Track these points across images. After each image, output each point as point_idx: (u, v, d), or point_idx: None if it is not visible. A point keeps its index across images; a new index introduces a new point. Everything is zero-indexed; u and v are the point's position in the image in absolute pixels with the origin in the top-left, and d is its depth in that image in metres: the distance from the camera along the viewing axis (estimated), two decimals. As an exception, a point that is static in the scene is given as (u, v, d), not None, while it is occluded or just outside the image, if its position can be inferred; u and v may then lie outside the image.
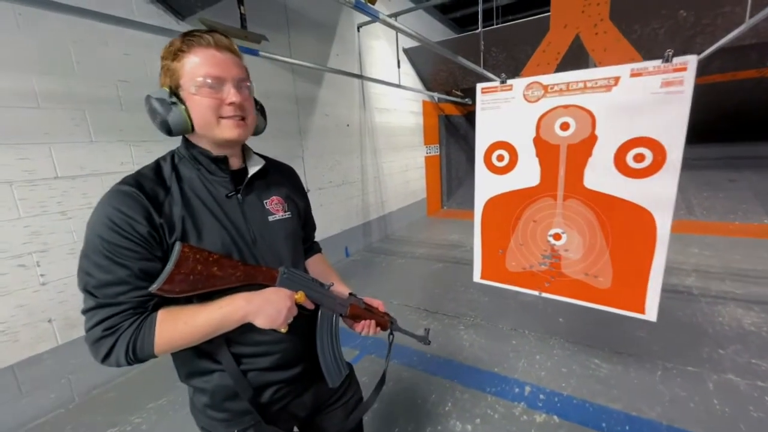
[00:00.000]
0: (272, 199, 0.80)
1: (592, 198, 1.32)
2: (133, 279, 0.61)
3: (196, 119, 0.67)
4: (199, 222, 0.68)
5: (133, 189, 0.63)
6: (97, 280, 0.60)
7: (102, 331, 0.60)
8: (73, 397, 1.95)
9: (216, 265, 0.64)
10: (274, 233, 0.78)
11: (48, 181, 1.83)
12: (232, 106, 0.67)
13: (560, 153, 1.33)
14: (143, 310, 0.63)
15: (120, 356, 0.61)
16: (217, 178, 0.73)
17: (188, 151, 0.73)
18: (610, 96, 1.21)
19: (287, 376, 0.79)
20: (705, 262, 3.37)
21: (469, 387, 1.92)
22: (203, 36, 0.65)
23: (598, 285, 1.39)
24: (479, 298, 2.95)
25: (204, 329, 0.65)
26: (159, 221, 0.63)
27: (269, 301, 0.68)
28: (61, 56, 1.85)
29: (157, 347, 0.62)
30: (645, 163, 1.19)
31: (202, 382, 0.74)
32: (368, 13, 1.86)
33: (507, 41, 4.35)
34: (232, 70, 0.67)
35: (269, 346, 0.75)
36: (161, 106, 0.66)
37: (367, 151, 4.50)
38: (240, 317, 0.66)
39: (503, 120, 1.46)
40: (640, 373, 1.95)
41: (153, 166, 0.71)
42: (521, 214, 1.48)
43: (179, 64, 0.66)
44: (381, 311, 0.94)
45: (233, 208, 0.73)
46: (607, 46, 1.28)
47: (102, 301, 0.60)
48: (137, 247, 0.61)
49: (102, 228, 0.60)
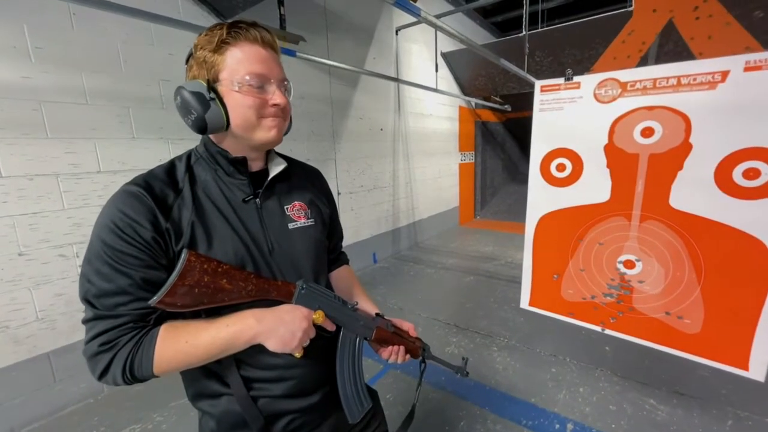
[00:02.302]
0: (294, 205, 0.73)
1: (679, 220, 1.10)
2: (134, 289, 0.55)
3: (234, 118, 0.61)
4: (211, 228, 0.61)
5: (140, 190, 0.58)
6: (97, 288, 0.55)
7: (98, 345, 0.55)
8: (102, 388, 1.98)
9: (225, 277, 0.57)
10: (295, 242, 0.70)
11: (91, 174, 1.88)
12: (276, 108, 0.63)
13: (639, 164, 1.12)
14: (144, 325, 0.58)
15: (117, 375, 0.55)
16: (234, 181, 0.67)
17: (207, 151, 0.67)
18: (714, 95, 1.00)
19: (303, 405, 0.70)
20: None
21: (503, 416, 1.75)
22: (249, 29, 0.60)
23: (684, 328, 1.17)
24: (515, 317, 2.75)
25: (208, 350, 0.57)
26: (165, 226, 0.58)
27: (283, 321, 0.60)
28: (110, 55, 1.91)
29: (157, 367, 0.56)
30: (760, 180, 0.96)
31: (209, 406, 0.67)
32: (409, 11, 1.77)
33: (554, 44, 4.12)
34: (276, 69, 0.63)
35: (283, 371, 0.67)
36: (197, 102, 0.59)
37: (399, 156, 4.41)
38: (249, 338, 0.59)
39: (566, 123, 1.27)
40: (705, 420, 1.69)
41: (166, 166, 0.65)
42: (584, 234, 1.28)
43: (221, 57, 0.60)
44: (412, 336, 0.84)
45: (250, 213, 0.66)
46: (711, 32, 1.04)
47: (101, 312, 0.55)
48: (140, 253, 0.56)
49: (105, 231, 0.56)
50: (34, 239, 1.73)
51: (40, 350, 1.78)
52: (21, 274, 1.70)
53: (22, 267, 1.71)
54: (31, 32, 1.65)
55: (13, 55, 1.61)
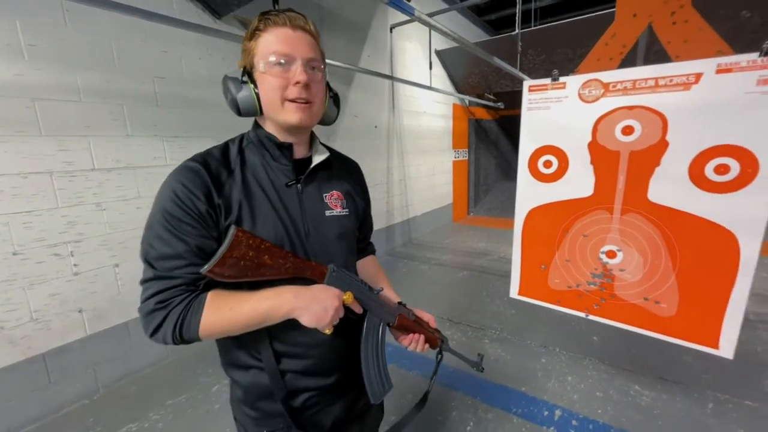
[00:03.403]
0: (332, 194, 0.77)
1: (657, 213, 1.17)
2: (189, 255, 0.61)
3: (263, 99, 0.67)
4: (256, 209, 0.67)
5: (199, 166, 0.64)
6: (157, 251, 0.61)
7: (155, 303, 0.60)
8: (97, 388, 1.99)
9: (267, 254, 0.62)
10: (329, 229, 0.75)
11: (85, 172, 1.88)
12: (298, 87, 0.64)
13: (620, 161, 1.18)
14: (195, 289, 0.63)
15: (167, 332, 0.61)
16: (279, 165, 0.71)
17: (256, 135, 0.72)
18: (688, 96, 1.06)
19: (320, 384, 0.75)
20: (764, 285, 3.06)
21: (494, 406, 1.81)
22: (279, 14, 0.65)
23: (660, 312, 1.24)
24: (506, 310, 2.81)
25: (248, 318, 0.62)
26: (217, 201, 0.63)
27: (317, 299, 0.64)
28: (104, 52, 1.90)
29: (202, 329, 0.61)
30: (729, 175, 1.03)
31: (239, 376, 0.73)
32: (404, 10, 1.80)
33: (546, 43, 4.18)
34: (302, 48, 0.65)
35: (306, 349, 0.72)
36: (233, 85, 0.67)
37: (394, 154, 4.44)
38: (286, 311, 0.63)
39: (553, 122, 1.33)
40: (687, 404, 1.77)
41: (222, 147, 0.71)
42: (569, 226, 1.34)
43: (255, 44, 0.65)
44: (432, 327, 0.87)
45: (291, 197, 0.71)
46: (687, 37, 1.11)
47: (159, 273, 0.61)
48: (196, 223, 0.61)
49: (166, 201, 0.61)
50: (28, 238, 1.72)
51: (35, 351, 1.77)
52: (15, 274, 1.69)
53: (17, 266, 1.70)
54: (24, 29, 1.64)
55: (6, 52, 1.60)
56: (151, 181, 2.14)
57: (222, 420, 1.77)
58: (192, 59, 2.27)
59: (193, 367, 2.19)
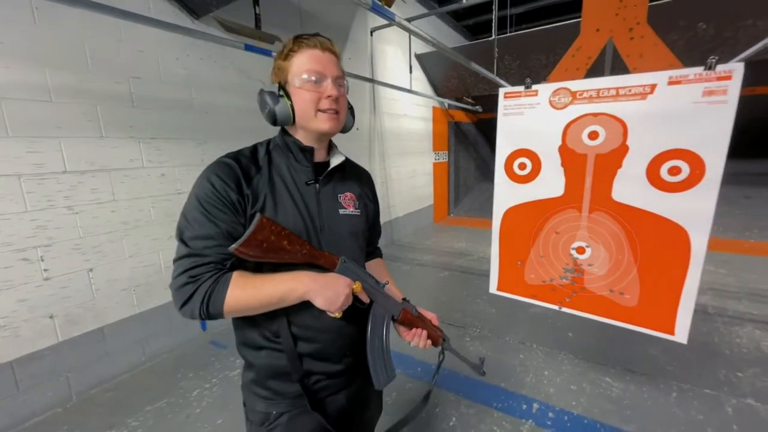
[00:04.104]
0: (346, 195, 0.85)
1: (620, 211, 1.26)
2: (219, 237, 0.69)
3: (297, 111, 0.75)
4: (278, 201, 0.75)
5: (232, 161, 0.73)
6: (192, 232, 0.69)
7: (187, 278, 0.67)
8: (71, 395, 1.92)
9: (286, 239, 0.69)
10: (342, 226, 0.82)
11: (56, 175, 1.82)
12: (329, 100, 0.74)
13: (587, 163, 1.27)
14: (222, 267, 0.70)
15: (195, 306, 0.67)
16: (301, 166, 0.79)
17: (283, 140, 0.81)
18: (645, 105, 1.15)
19: (328, 370, 0.80)
20: (721, 281, 3.27)
21: (476, 402, 1.86)
22: (310, 38, 0.74)
23: (624, 302, 1.33)
24: (486, 309, 2.89)
25: (269, 297, 0.69)
26: (246, 192, 0.72)
27: (330, 285, 0.71)
28: (76, 51, 1.85)
29: (227, 305, 0.68)
30: (681, 176, 1.13)
31: (251, 356, 0.79)
32: (384, 15, 1.83)
33: (521, 49, 4.32)
34: (331, 68, 0.75)
35: (315, 333, 0.77)
36: (271, 99, 0.75)
37: (375, 156, 4.48)
38: (302, 293, 0.70)
39: (526, 127, 1.41)
40: (654, 394, 1.87)
41: (251, 148, 0.80)
42: (543, 225, 1.42)
43: (288, 63, 0.75)
44: (434, 325, 0.91)
45: (310, 194, 0.79)
46: (643, 51, 1.21)
47: (192, 251, 0.68)
48: (227, 210, 0.70)
49: (203, 190, 0.70)
50: (-6, 242, 1.65)
51: (2, 359, 1.70)
52: (-20, 279, 1.63)
53: (-18, 271, 1.63)
54: (-10, 26, 1.58)
55: (-30, 49, 1.54)
56: (127, 184, 2.08)
57: (204, 423, 1.74)
58: (169, 59, 2.23)
59: (173, 372, 2.14)
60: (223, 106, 2.56)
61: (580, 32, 1.30)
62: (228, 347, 2.38)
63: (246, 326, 0.78)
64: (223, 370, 2.15)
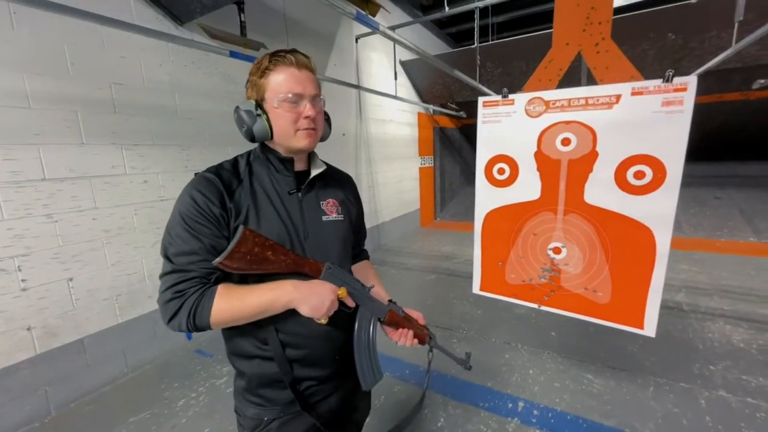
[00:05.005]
0: (328, 201, 0.87)
1: (592, 213, 1.33)
2: (203, 252, 0.70)
3: (275, 129, 0.76)
4: (261, 212, 0.76)
5: (214, 176, 0.74)
6: (176, 248, 0.70)
7: (173, 293, 0.68)
8: (49, 410, 1.86)
9: (270, 250, 0.71)
10: (326, 232, 0.83)
11: (35, 183, 1.78)
12: (308, 120, 0.76)
13: (561, 168, 1.35)
14: (207, 282, 0.71)
15: (182, 320, 0.68)
16: (283, 177, 0.81)
17: (263, 153, 0.82)
18: (611, 113, 1.23)
19: (317, 375, 0.82)
20: (694, 279, 3.42)
21: (462, 402, 1.89)
22: (286, 56, 0.74)
23: (598, 300, 1.40)
24: (472, 310, 2.94)
25: (254, 307, 0.70)
26: (229, 205, 0.73)
27: (314, 292, 0.72)
28: (56, 57, 1.82)
29: (213, 317, 0.69)
30: (645, 180, 1.21)
31: (243, 365, 0.80)
32: (369, 25, 1.88)
33: (502, 57, 4.45)
34: (309, 86, 0.76)
35: (303, 339, 0.78)
36: (248, 117, 0.76)
37: (362, 161, 4.51)
38: (287, 301, 0.71)
39: (504, 134, 1.47)
40: (632, 388, 1.94)
41: (232, 161, 0.81)
42: (521, 227, 1.49)
43: (265, 81, 0.75)
44: (420, 324, 0.93)
45: (293, 204, 0.80)
46: (608, 64, 1.31)
47: (176, 267, 0.69)
48: (210, 225, 0.71)
49: (185, 206, 0.71)
50: (-32, 252, 1.60)
51: (-24, 373, 1.65)
52: (-47, 291, 1.58)
53: (-45, 283, 1.58)
54: (-35, 31, 1.55)
55: (-56, 55, 1.50)
56: (108, 191, 2.05)
57: (189, 434, 1.72)
58: (153, 65, 2.22)
59: (157, 383, 2.10)
60: (208, 113, 2.56)
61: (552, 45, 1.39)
62: (214, 356, 2.35)
63: (235, 336, 0.78)
64: (209, 379, 2.13)
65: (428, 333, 0.93)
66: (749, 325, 2.53)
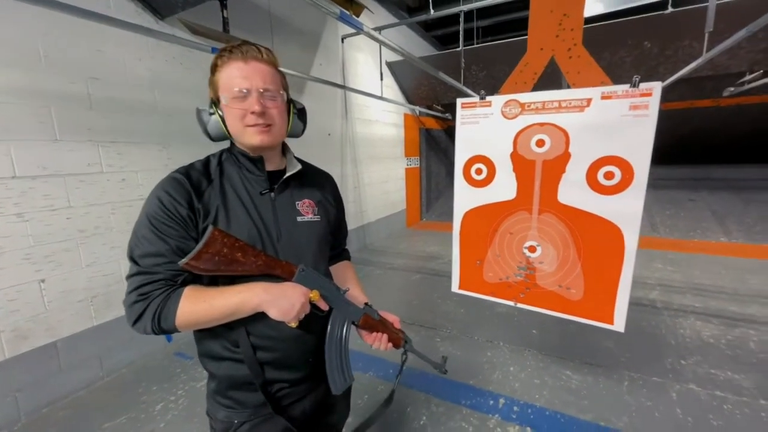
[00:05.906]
0: (304, 202, 0.85)
1: (565, 212, 1.37)
2: (170, 254, 0.68)
3: (229, 127, 0.75)
4: (231, 213, 0.74)
5: (182, 177, 0.72)
6: (141, 250, 0.68)
7: (137, 296, 0.67)
8: (19, 416, 1.79)
9: (240, 251, 0.69)
10: (300, 233, 0.82)
11: (5, 180, 1.71)
12: (254, 115, 0.72)
13: (536, 168, 1.39)
14: (173, 284, 0.70)
15: (147, 322, 0.67)
16: (254, 176, 0.79)
17: (233, 153, 0.81)
18: (583, 116, 1.28)
19: (290, 377, 0.81)
20: (668, 277, 3.55)
21: (445, 400, 1.91)
22: (233, 50, 0.72)
23: (571, 297, 1.44)
24: (456, 309, 2.97)
25: (221, 310, 0.69)
26: (197, 206, 0.71)
27: (285, 295, 0.70)
28: (28, 49, 1.76)
29: (178, 319, 0.67)
30: (614, 180, 1.26)
31: (213, 367, 0.79)
32: (353, 25, 1.89)
33: (486, 60, 4.52)
34: (256, 80, 0.72)
35: (274, 342, 0.77)
36: (204, 116, 0.76)
37: (347, 161, 4.50)
38: (255, 304, 0.69)
39: (482, 134, 1.50)
40: (608, 383, 2.00)
41: (204, 161, 0.80)
42: (498, 226, 1.52)
43: (217, 78, 0.73)
44: (396, 327, 0.92)
45: (265, 204, 0.78)
46: (580, 69, 1.36)
47: (142, 269, 0.68)
48: (177, 226, 0.69)
49: (152, 206, 0.69)
50: (-69, 252, 1.53)
51: (-61, 379, 1.58)
52: None
53: None
54: (-72, 22, 1.48)
55: None
56: (83, 190, 1.99)
57: (167, 438, 1.68)
58: (131, 60, 2.17)
59: (134, 387, 2.05)
60: (189, 110, 2.50)
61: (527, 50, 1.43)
62: (194, 358, 2.31)
63: (206, 338, 0.77)
64: (189, 382, 2.09)
65: (404, 337, 0.93)
66: (719, 321, 2.64)
